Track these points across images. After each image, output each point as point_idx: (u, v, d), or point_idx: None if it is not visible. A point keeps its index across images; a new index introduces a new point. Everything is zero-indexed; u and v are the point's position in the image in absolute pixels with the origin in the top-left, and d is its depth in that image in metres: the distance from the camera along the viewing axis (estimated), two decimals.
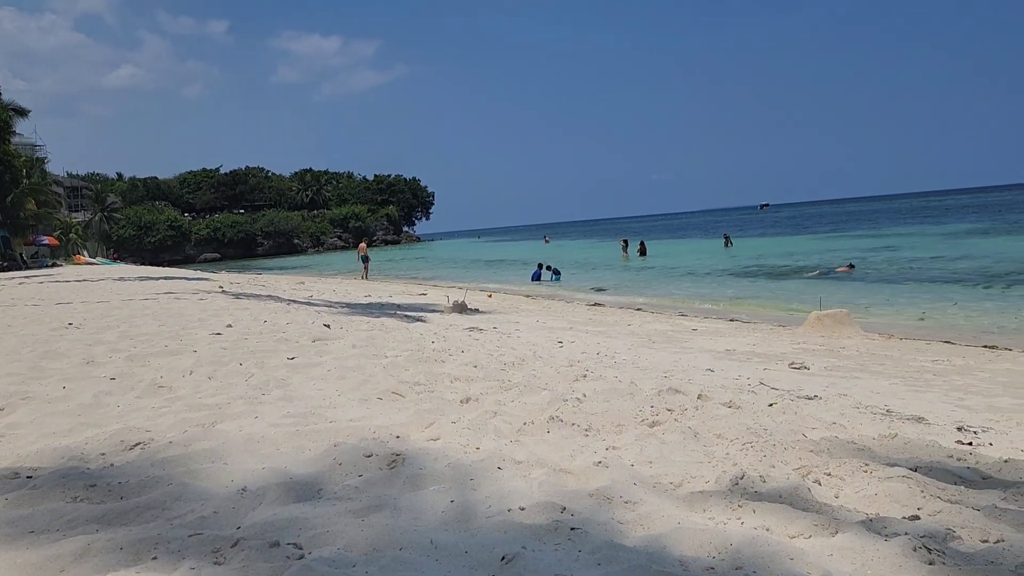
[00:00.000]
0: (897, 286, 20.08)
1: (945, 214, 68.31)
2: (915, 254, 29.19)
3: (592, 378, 6.50)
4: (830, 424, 5.17)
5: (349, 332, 9.17)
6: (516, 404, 5.08)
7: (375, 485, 3.25)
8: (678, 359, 9.13)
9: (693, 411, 5.11)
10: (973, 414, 6.11)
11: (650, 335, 12.10)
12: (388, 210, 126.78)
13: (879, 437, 4.70)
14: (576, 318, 15.21)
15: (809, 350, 10.34)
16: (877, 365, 8.98)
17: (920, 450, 4.40)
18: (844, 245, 38.37)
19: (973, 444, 4.95)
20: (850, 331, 12.27)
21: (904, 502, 3.17)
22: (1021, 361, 9.37)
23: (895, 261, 26.62)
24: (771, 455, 3.91)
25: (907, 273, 22.97)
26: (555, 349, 9.42)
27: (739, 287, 23.23)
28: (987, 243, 31.54)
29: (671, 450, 3.92)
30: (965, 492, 3.45)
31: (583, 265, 39.12)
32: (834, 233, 52.23)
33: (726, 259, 35.53)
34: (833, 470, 3.65)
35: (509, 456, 3.65)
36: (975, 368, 8.73)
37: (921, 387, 7.46)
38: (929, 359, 9.48)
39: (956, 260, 25.55)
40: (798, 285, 22.33)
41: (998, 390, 7.29)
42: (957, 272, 21.92)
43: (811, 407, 5.98)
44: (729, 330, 13.13)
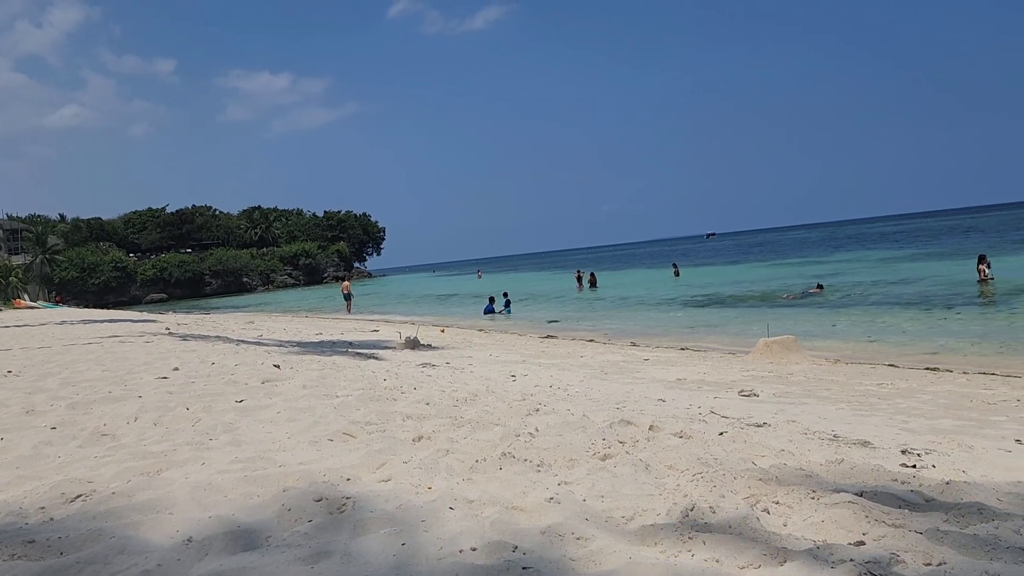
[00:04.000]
0: (842, 311, 20.56)
1: (879, 240, 70.31)
2: (858, 279, 29.95)
3: (545, 412, 6.50)
4: (779, 451, 5.25)
5: (299, 372, 9.05)
6: (469, 441, 5.06)
7: (325, 531, 3.20)
8: (630, 390, 9.19)
9: (645, 442, 5.14)
10: (917, 437, 6.25)
11: (602, 366, 12.16)
12: (339, 246, 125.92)
13: (826, 463, 4.79)
14: (529, 351, 15.23)
15: (758, 377, 10.49)
16: (824, 390, 9.15)
17: (866, 474, 4.48)
18: (790, 272, 39.20)
19: (917, 467, 5.06)
20: (798, 357, 12.50)
21: (850, 528, 3.22)
22: (961, 383, 9.64)
23: (840, 287, 27.25)
24: (721, 485, 3.94)
25: (852, 298, 23.52)
26: (508, 383, 9.41)
27: (689, 316, 23.54)
28: (922, 267, 32.52)
29: (623, 483, 3.94)
30: (909, 516, 3.52)
31: (536, 297, 39.26)
32: (778, 261, 53.35)
33: (676, 288, 36.00)
34: (781, 498, 3.70)
35: (461, 495, 3.62)
36: (918, 391, 8.96)
37: (867, 411, 7.62)
38: (874, 383, 9.69)
39: (896, 284, 26.28)
40: (744, 312, 22.72)
41: (940, 412, 7.48)
42: (899, 296, 22.53)
43: (760, 434, 6.06)
44: (680, 359, 13.27)
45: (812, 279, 30.89)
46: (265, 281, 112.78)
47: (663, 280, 42.79)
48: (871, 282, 28.07)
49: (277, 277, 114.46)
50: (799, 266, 44.28)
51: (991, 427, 6.63)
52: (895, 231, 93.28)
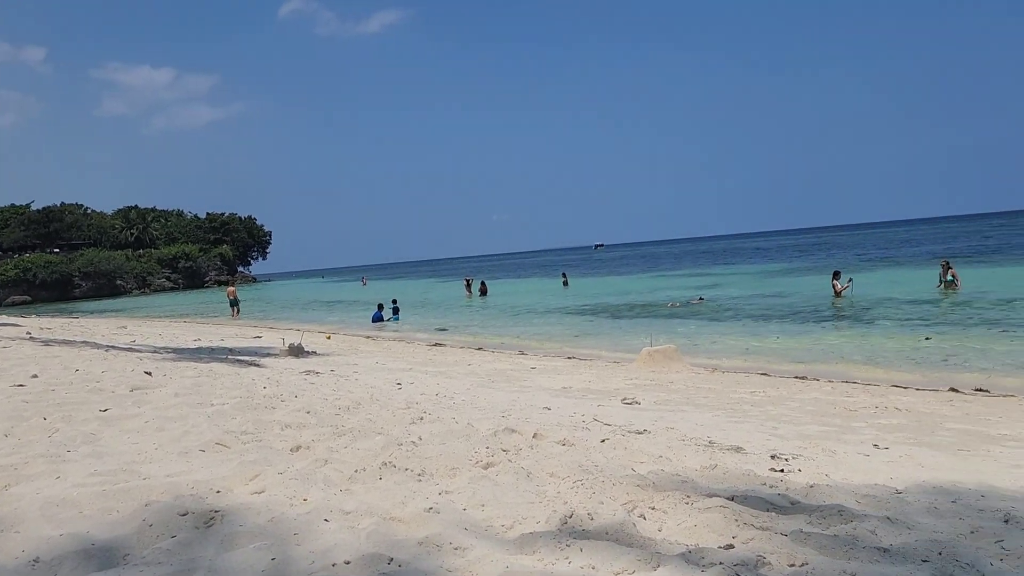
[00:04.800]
0: (720, 322, 21.37)
1: (755, 255, 73.70)
2: (737, 292, 31.24)
3: (429, 420, 6.43)
4: (657, 457, 5.37)
5: (173, 379, 8.63)
6: (349, 451, 4.93)
7: (189, 546, 3.03)
8: (516, 398, 9.23)
9: (528, 450, 5.15)
10: (785, 442, 6.54)
11: (490, 374, 12.18)
12: (221, 249, 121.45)
13: (701, 468, 4.93)
14: (416, 359, 15.10)
15: (641, 385, 10.75)
16: (702, 398, 9.46)
17: (737, 479, 4.64)
18: (673, 284, 40.49)
19: (784, 471, 5.29)
20: (678, 366, 12.89)
21: (721, 531, 3.32)
22: (827, 390, 10.17)
23: (720, 299, 28.33)
24: (600, 491, 3.99)
25: (730, 309, 24.50)
26: (393, 391, 9.28)
27: (577, 325, 23.93)
28: (793, 281, 34.25)
29: (504, 491, 3.92)
30: (776, 518, 3.66)
31: (425, 305, 39.03)
32: (662, 273, 55.05)
33: (564, 298, 36.55)
34: (658, 503, 3.78)
35: (337, 506, 3.52)
36: (787, 398, 9.39)
37: (740, 418, 7.93)
38: (748, 391, 10.10)
39: (770, 297, 27.56)
40: (629, 322, 23.28)
41: (807, 418, 7.86)
42: (772, 308, 23.62)
43: (641, 441, 6.19)
44: (567, 368, 13.45)
45: (694, 291, 32.00)
46: (141, 284, 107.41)
47: (552, 289, 43.36)
48: (748, 295, 29.32)
49: (155, 280, 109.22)
50: (682, 278, 45.81)
51: (852, 432, 7.02)
52: (771, 246, 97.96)
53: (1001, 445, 6.46)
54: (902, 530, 3.58)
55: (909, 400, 9.10)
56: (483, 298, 39.89)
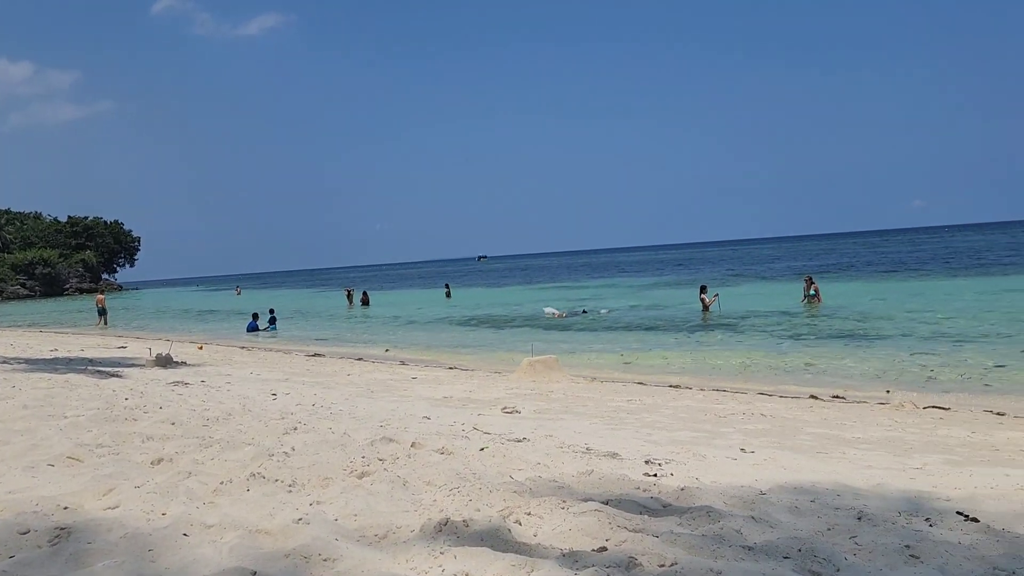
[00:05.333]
0: (600, 333, 21.84)
1: (635, 268, 76.00)
2: (616, 303, 32.02)
3: (304, 430, 6.24)
4: (535, 464, 5.40)
5: (23, 391, 8.03)
6: (216, 462, 4.71)
7: (29, 567, 2.79)
8: (396, 408, 9.09)
9: (405, 459, 5.07)
10: (659, 447, 6.71)
11: (369, 385, 11.96)
12: (84, 255, 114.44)
13: (578, 474, 4.98)
14: (294, 369, 14.66)
15: (521, 395, 10.81)
16: (581, 407, 9.60)
17: (612, 484, 4.71)
18: (555, 295, 41.11)
19: (657, 475, 5.41)
20: (559, 375, 13.05)
21: (595, 535, 3.34)
22: (699, 398, 10.53)
23: (600, 310, 28.94)
24: (477, 499, 3.96)
25: (609, 321, 25.08)
26: (268, 402, 8.95)
27: (459, 335, 23.91)
28: (671, 294, 35.47)
29: (378, 500, 3.83)
30: (648, 521, 3.73)
31: (305, 315, 38.05)
32: (545, 284, 55.84)
33: (447, 308, 36.48)
34: (534, 509, 3.77)
35: (199, 520, 3.33)
36: (662, 406, 9.66)
37: (617, 425, 8.08)
38: (625, 399, 10.32)
39: (647, 309, 28.42)
40: (511, 333, 23.47)
41: (679, 425, 8.10)
42: (649, 320, 24.35)
43: (519, 449, 6.21)
44: (448, 378, 13.38)
45: (576, 302, 32.61)
46: None
47: (435, 300, 43.19)
48: (626, 307, 30.13)
49: (7, 287, 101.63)
50: (564, 290, 46.61)
51: (721, 437, 7.28)
52: (648, 260, 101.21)
53: (855, 447, 6.85)
54: (765, 528, 3.72)
55: (773, 406, 9.54)
56: (365, 308, 39.29)
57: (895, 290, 29.92)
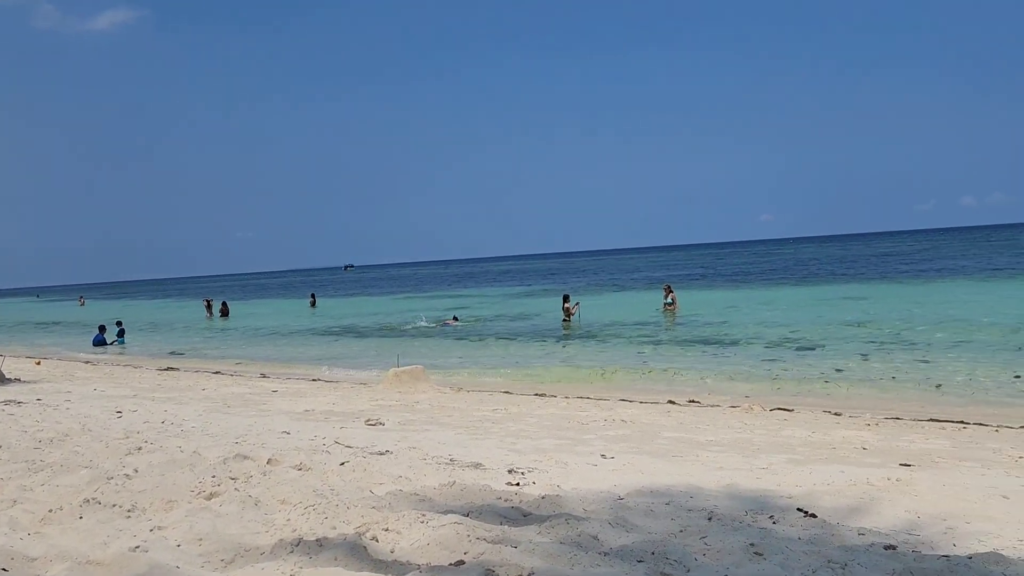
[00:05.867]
0: (468, 342, 21.88)
1: (503, 277, 76.85)
2: (484, 312, 32.21)
3: (150, 450, 5.88)
4: (397, 478, 5.30)
5: None
6: (46, 488, 4.34)
7: None
8: (254, 423, 8.74)
9: (260, 477, 4.86)
10: (522, 456, 6.75)
11: (226, 399, 11.45)
12: None
13: (440, 486, 4.93)
14: (143, 384, 13.84)
15: (386, 406, 10.64)
16: (446, 417, 9.55)
17: (474, 495, 4.69)
18: (424, 305, 40.89)
19: (520, 484, 5.45)
20: (425, 386, 12.95)
21: (453, 548, 3.30)
22: (563, 406, 10.70)
23: (469, 319, 29.00)
24: (334, 516, 3.83)
25: (478, 330, 25.17)
26: (112, 420, 8.39)
27: (324, 346, 23.35)
28: (537, 303, 36.01)
29: (227, 522, 3.64)
30: (508, 531, 3.72)
31: (159, 327, 36.13)
32: (413, 294, 55.47)
33: (312, 319, 35.56)
34: (392, 524, 3.69)
35: (21, 552, 3.05)
36: (527, 414, 9.75)
37: (481, 435, 8.09)
38: (491, 408, 10.36)
39: (515, 318, 28.74)
40: (378, 343, 23.14)
41: (544, 433, 8.20)
42: (517, 329, 24.62)
43: (382, 462, 6.09)
44: (311, 390, 13.01)
45: (444, 312, 32.54)
46: None
47: (299, 310, 42.02)
48: (494, 316, 30.36)
49: None
50: (432, 299, 46.45)
51: (583, 444, 7.42)
52: (515, 269, 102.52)
53: (708, 450, 7.15)
54: (622, 533, 3.80)
55: (634, 412, 9.83)
56: (224, 319, 37.71)
57: (746, 298, 31.62)
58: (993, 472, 6.00)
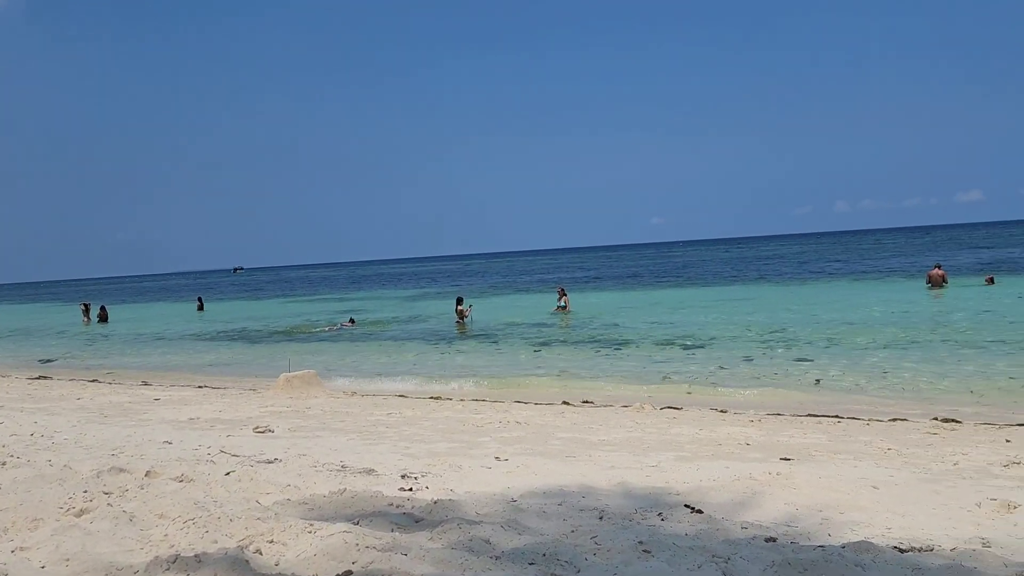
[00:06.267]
0: (363, 345, 21.52)
1: (398, 280, 76.13)
2: (379, 316, 31.76)
3: (15, 465, 5.49)
4: (285, 487, 5.14)
5: None
6: None
7: None
8: (132, 433, 8.32)
9: (137, 491, 4.61)
10: (416, 461, 6.68)
11: (103, 408, 10.86)
12: None
13: (330, 494, 4.81)
14: (11, 394, 12.96)
15: (276, 412, 10.34)
16: (339, 422, 9.35)
17: (365, 502, 4.60)
18: (317, 308, 40.04)
19: (413, 490, 5.38)
20: (317, 391, 12.66)
21: (341, 558, 3.22)
22: (458, 408, 10.67)
23: (364, 323, 28.53)
24: (215, 529, 3.67)
25: (373, 333, 24.80)
26: None
27: (212, 351, 22.50)
28: (432, 305, 35.81)
29: (98, 540, 3.43)
30: (399, 538, 3.66)
31: (29, 333, 33.98)
32: (307, 296, 54.19)
33: (199, 323, 34.21)
34: (277, 535, 3.57)
35: None
36: (422, 418, 9.66)
37: (375, 440, 7.96)
38: (385, 412, 10.21)
39: (410, 321, 28.48)
40: (270, 347, 22.48)
41: (438, 436, 8.14)
42: (413, 331, 24.40)
43: (269, 471, 5.90)
44: (196, 397, 12.49)
45: (337, 315, 31.92)
46: None
47: (185, 314, 40.35)
48: (389, 318, 29.98)
49: None
50: (327, 302, 45.52)
51: (478, 447, 7.40)
52: (416, 272, 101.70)
53: (600, 450, 7.26)
54: (514, 536, 3.80)
55: (528, 414, 9.89)
56: (103, 324, 35.81)
57: (637, 300, 32.40)
58: (864, 464, 6.35)
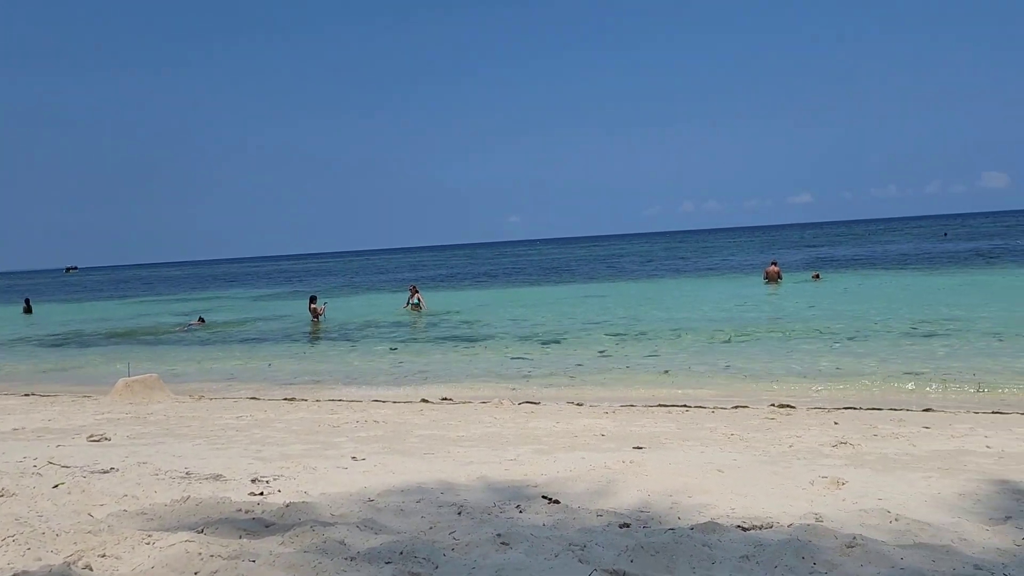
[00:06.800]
0: (212, 347, 20.54)
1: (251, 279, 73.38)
2: (228, 316, 30.42)
3: None
4: (122, 497, 4.80)
5: None
6: None
7: None
8: None
9: None
10: (268, 464, 6.42)
11: None
12: None
13: (172, 503, 4.53)
14: None
15: (114, 419, 9.67)
16: (184, 427, 8.86)
17: (211, 509, 4.36)
18: (163, 308, 37.94)
19: (264, 494, 5.15)
20: (160, 396, 11.95)
21: (182, 569, 3.02)
22: (314, 409, 10.35)
23: (214, 324, 27.23)
24: (39, 546, 3.36)
25: (223, 334, 23.72)
26: None
27: (42, 357, 20.81)
28: (285, 305, 34.70)
29: None
30: (248, 544, 3.48)
31: None
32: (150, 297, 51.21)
33: (27, 327, 31.57)
34: (111, 549, 3.31)
35: None
36: (275, 420, 9.31)
37: (224, 444, 7.59)
38: (235, 416, 9.77)
39: (262, 321, 27.45)
40: (109, 351, 21.06)
41: (292, 438, 7.86)
42: (265, 332, 23.51)
43: (104, 481, 5.50)
44: (22, 406, 11.49)
45: (185, 316, 30.34)
46: None
47: (10, 318, 37.14)
48: (240, 319, 28.77)
49: None
50: (170, 302, 43.20)
51: (334, 448, 7.20)
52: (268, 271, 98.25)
53: (459, 445, 7.24)
54: (370, 536, 3.70)
55: (387, 412, 9.73)
56: None
57: (494, 297, 32.70)
58: (710, 449, 6.65)
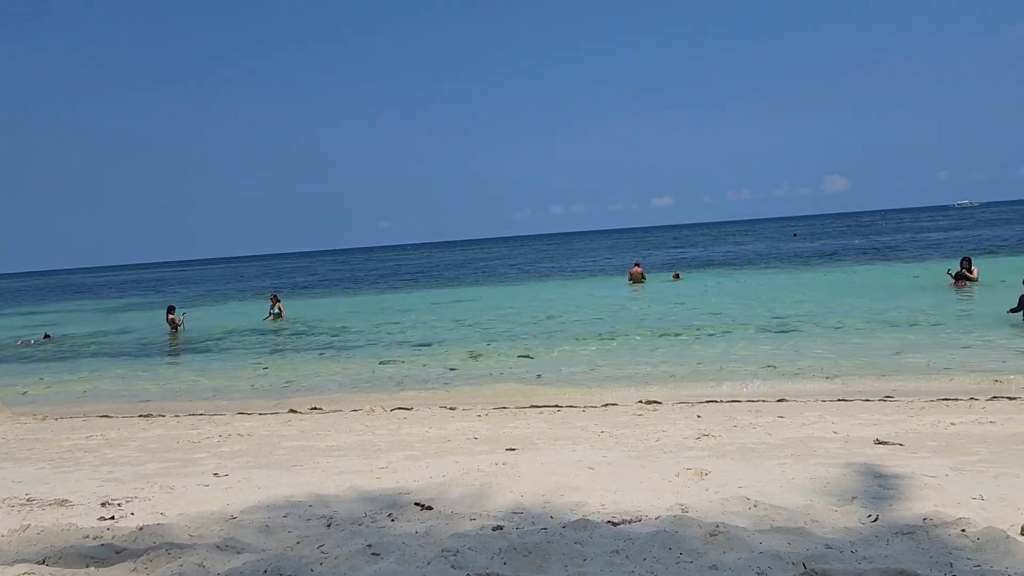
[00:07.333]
0: (58, 363, 19.18)
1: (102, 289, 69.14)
2: (79, 329, 28.52)
3: None
4: None
5: None
6: None
7: None
8: None
9: None
10: (120, 486, 6.01)
11: None
12: None
13: (9, 532, 4.16)
14: None
15: None
16: (25, 450, 8.20)
17: (55, 537, 4.03)
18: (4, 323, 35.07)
19: (115, 518, 4.82)
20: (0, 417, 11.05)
21: None
22: (172, 425, 9.82)
23: (62, 338, 25.41)
24: None
25: (71, 349, 22.19)
26: None
27: None
28: (140, 316, 32.88)
29: None
30: (94, 573, 3.24)
31: None
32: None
33: None
34: None
35: None
36: (128, 438, 8.76)
37: (71, 467, 7.06)
38: (84, 436, 9.13)
39: (115, 334, 25.89)
40: None
41: (147, 457, 7.41)
42: (118, 345, 22.17)
43: None
44: None
45: (27, 330, 28.20)
46: None
47: None
48: (91, 332, 27.01)
49: None
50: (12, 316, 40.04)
51: (194, 465, 6.84)
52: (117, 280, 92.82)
53: (329, 455, 7.03)
54: (232, 556, 3.52)
55: (252, 425, 9.36)
56: None
57: (362, 304, 32.16)
58: (581, 447, 6.76)
